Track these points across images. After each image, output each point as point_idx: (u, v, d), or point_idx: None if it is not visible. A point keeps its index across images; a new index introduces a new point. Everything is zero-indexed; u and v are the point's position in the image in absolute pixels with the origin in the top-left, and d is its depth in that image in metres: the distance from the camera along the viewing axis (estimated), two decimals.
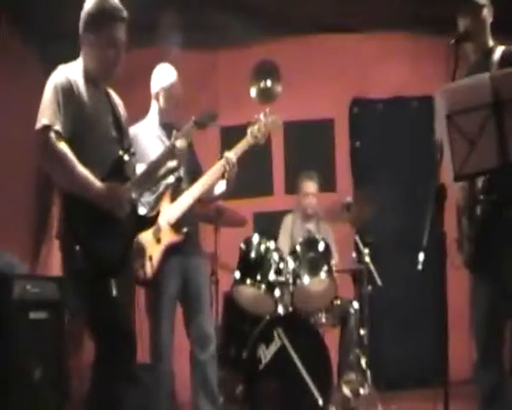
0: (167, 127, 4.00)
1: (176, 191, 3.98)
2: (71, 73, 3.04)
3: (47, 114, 2.92)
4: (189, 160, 4.11)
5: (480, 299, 3.17)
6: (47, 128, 2.89)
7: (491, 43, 3.23)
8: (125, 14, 3.11)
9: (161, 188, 3.95)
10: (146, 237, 3.81)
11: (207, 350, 3.96)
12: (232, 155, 4.01)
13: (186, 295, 3.99)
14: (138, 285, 3.89)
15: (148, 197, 3.96)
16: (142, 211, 3.33)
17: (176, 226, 3.90)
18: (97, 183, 2.93)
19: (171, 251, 3.88)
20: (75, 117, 2.96)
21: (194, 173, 4.12)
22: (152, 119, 4.13)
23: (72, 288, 3.08)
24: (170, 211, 3.92)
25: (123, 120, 3.27)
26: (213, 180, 4.03)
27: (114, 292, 2.90)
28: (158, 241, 3.86)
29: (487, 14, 3.21)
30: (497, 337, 3.17)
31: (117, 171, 3.06)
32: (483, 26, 3.20)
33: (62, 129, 2.92)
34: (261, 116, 4.15)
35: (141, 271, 3.80)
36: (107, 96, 3.22)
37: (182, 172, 4.03)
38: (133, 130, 4.02)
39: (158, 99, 4.10)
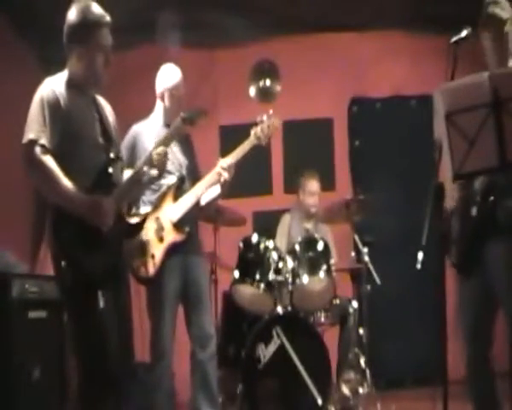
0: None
1: (179, 190, 4.00)
2: (57, 85, 3.05)
3: (33, 128, 2.95)
4: (189, 157, 4.14)
5: (469, 301, 3.17)
6: (32, 142, 2.93)
7: (510, 62, 3.17)
8: (107, 18, 3.11)
9: (164, 187, 3.97)
10: (149, 235, 3.85)
11: (208, 350, 3.96)
12: (229, 160, 4.01)
13: (187, 295, 4.00)
14: (140, 283, 3.91)
15: (150, 196, 3.98)
16: (130, 220, 3.36)
17: (178, 225, 3.92)
18: (80, 196, 2.96)
19: (173, 250, 3.90)
20: (62, 130, 2.98)
21: (195, 174, 4.14)
22: (156, 118, 4.15)
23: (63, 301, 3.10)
24: (173, 210, 3.94)
25: (111, 125, 3.25)
26: (212, 183, 4.03)
27: (101, 304, 2.91)
28: (160, 239, 3.88)
29: (509, 27, 3.16)
30: (485, 339, 3.17)
31: (101, 181, 3.07)
32: (506, 40, 3.14)
33: (48, 143, 2.94)
34: (264, 118, 4.15)
35: (143, 269, 3.82)
36: (95, 102, 3.22)
37: (184, 170, 4.06)
38: (137, 128, 4.10)
39: (163, 99, 4.11)
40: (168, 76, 4.10)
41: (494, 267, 3.05)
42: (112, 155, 3.15)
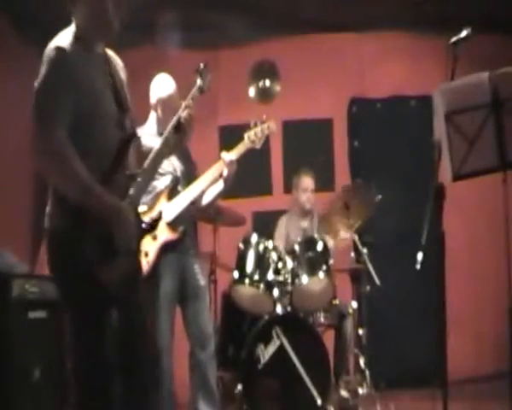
0: None
1: (173, 192, 4.00)
2: (67, 46, 2.63)
3: (50, 104, 2.47)
4: (185, 162, 4.14)
5: None
6: (51, 124, 2.44)
7: None
8: None
9: (158, 189, 3.97)
10: None
11: (207, 350, 3.97)
12: (232, 155, 4.03)
13: (184, 295, 3.99)
14: None
15: (144, 198, 3.98)
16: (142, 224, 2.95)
17: (172, 224, 3.92)
18: (107, 196, 2.54)
19: (167, 249, 3.89)
20: (75, 104, 2.52)
21: (190, 175, 4.14)
22: (150, 127, 4.15)
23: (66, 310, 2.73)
24: (167, 209, 3.94)
25: (124, 87, 2.82)
26: (211, 180, 4.03)
27: (112, 321, 2.60)
28: (154, 238, 3.88)
29: None
30: None
31: (116, 170, 2.65)
32: None
33: (67, 121, 2.47)
34: (258, 121, 4.16)
35: None
36: (106, 60, 2.77)
37: (179, 173, 4.06)
38: None
39: (156, 110, 4.12)
40: (161, 87, 4.09)
41: None
42: (127, 129, 2.72)
